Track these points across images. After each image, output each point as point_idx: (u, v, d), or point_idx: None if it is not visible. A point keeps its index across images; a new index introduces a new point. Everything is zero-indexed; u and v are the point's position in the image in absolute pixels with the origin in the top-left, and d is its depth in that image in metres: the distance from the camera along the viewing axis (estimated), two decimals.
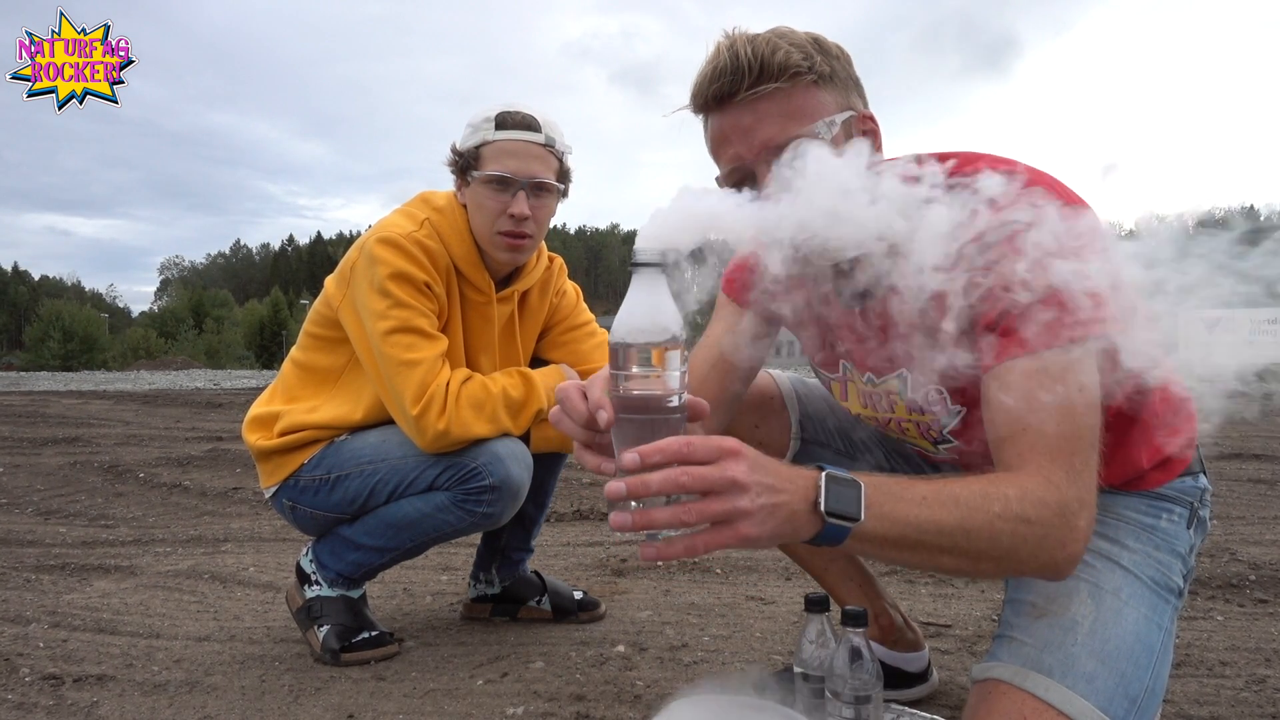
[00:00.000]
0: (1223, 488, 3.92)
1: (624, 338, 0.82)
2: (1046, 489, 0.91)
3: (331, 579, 1.89)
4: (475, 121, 1.81)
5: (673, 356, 0.82)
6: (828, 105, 1.07)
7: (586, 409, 0.88)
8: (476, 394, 1.76)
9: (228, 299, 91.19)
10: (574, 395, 0.90)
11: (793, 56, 1.03)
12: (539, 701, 1.63)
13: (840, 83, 1.09)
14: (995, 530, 0.89)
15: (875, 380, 1.27)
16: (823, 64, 1.06)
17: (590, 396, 0.88)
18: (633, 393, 0.83)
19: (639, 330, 0.81)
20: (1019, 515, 0.90)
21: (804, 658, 1.24)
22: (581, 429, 0.90)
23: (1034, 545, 0.91)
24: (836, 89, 1.08)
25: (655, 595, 2.37)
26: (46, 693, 1.70)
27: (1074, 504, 0.93)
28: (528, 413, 1.82)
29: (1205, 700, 1.60)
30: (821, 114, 1.06)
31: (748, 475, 0.79)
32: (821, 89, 1.06)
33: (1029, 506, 0.90)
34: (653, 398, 0.82)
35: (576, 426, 0.90)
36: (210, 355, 63.07)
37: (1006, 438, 0.97)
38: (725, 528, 0.79)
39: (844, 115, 1.08)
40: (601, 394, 0.87)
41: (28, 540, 3.19)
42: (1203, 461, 1.33)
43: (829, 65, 1.07)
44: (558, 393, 0.92)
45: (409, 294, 1.75)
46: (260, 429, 1.92)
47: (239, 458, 5.27)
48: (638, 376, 0.82)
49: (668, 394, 0.82)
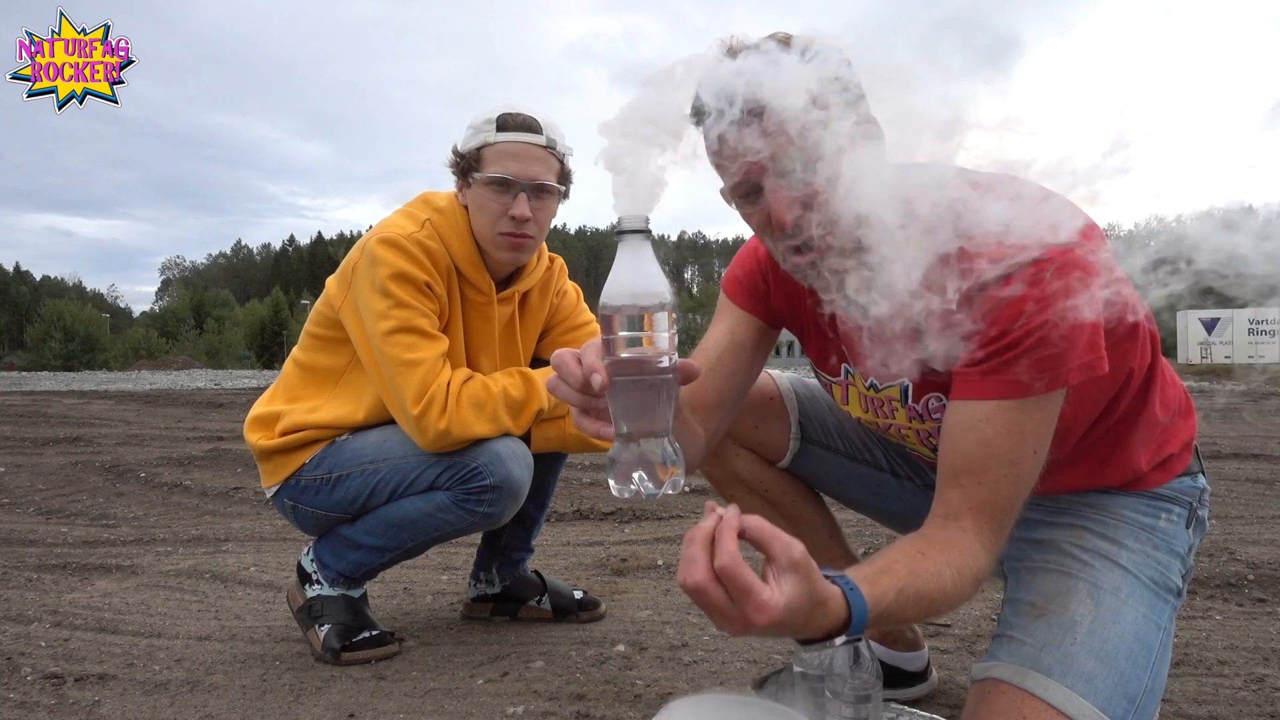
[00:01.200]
0: (1221, 487, 3.92)
1: (613, 302, 0.84)
2: (985, 570, 1.01)
3: (332, 578, 1.89)
4: (477, 123, 1.82)
5: (661, 319, 0.84)
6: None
7: (581, 373, 0.89)
8: (477, 394, 1.76)
9: (229, 299, 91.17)
10: (569, 361, 0.91)
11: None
12: (539, 701, 1.63)
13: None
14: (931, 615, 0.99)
15: (878, 386, 1.27)
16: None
17: (584, 361, 0.89)
18: (624, 356, 0.84)
19: (627, 295, 0.83)
20: (954, 606, 0.99)
21: (804, 657, 1.24)
22: (578, 394, 0.90)
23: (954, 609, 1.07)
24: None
25: (655, 595, 2.38)
26: (48, 692, 1.70)
27: (990, 569, 1.03)
28: (528, 412, 1.83)
29: (1204, 699, 1.60)
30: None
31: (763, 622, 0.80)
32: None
33: (966, 585, 0.99)
34: (644, 360, 0.84)
35: (573, 391, 0.91)
36: (211, 355, 63.05)
37: (962, 474, 1.03)
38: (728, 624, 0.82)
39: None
40: (595, 358, 0.88)
41: (29, 540, 3.19)
42: (1201, 461, 1.33)
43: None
44: (553, 359, 0.93)
45: (410, 294, 1.75)
46: (262, 429, 1.92)
47: (240, 457, 5.27)
48: (628, 340, 0.84)
49: (658, 355, 0.84)
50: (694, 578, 0.78)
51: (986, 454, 1.01)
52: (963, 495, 1.03)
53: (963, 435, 1.04)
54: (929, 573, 0.96)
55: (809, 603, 0.82)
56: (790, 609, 0.80)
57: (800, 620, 0.83)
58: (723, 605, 0.79)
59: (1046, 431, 1.04)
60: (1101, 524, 1.23)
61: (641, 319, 0.83)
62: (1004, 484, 1.01)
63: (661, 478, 0.87)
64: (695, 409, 1.24)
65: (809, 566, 0.82)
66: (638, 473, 0.87)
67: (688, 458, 1.21)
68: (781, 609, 0.79)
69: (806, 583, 0.82)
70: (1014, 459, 1.01)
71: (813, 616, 0.84)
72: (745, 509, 1.64)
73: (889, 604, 0.90)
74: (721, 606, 0.79)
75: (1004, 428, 1.01)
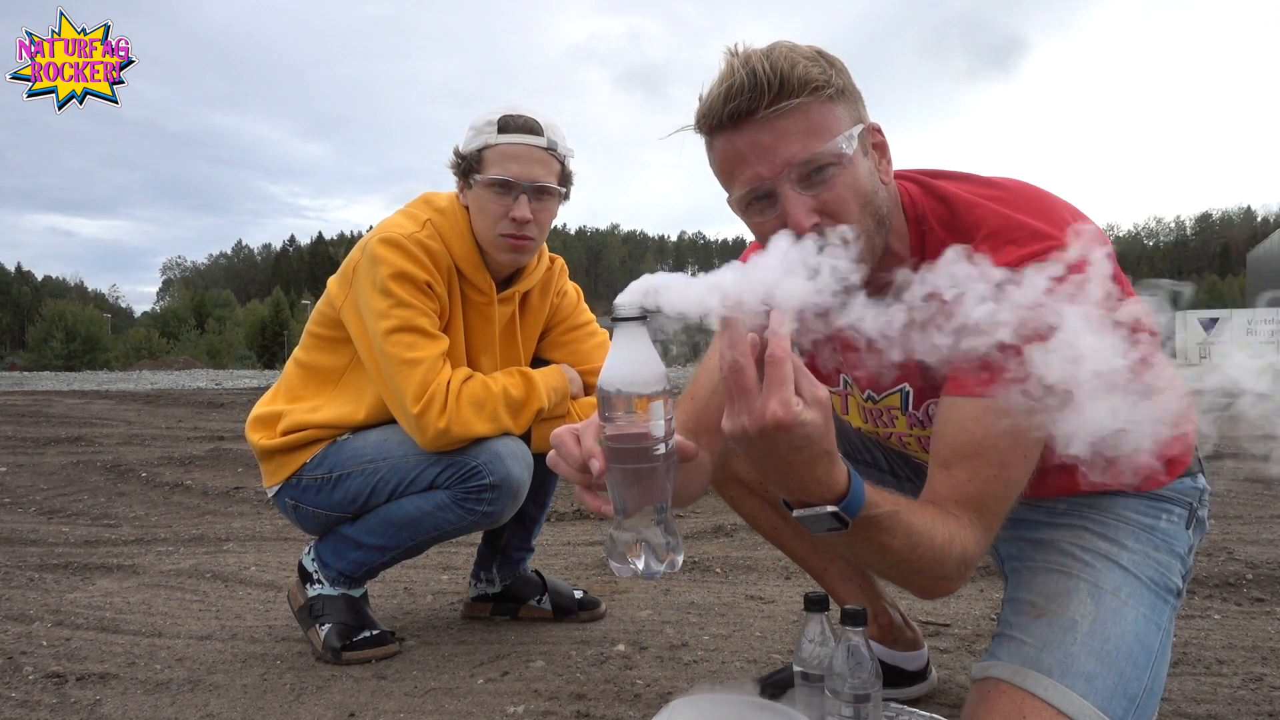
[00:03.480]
0: (1220, 487, 3.92)
1: (609, 389, 0.85)
2: (973, 554, 1.00)
3: (333, 578, 1.90)
4: (478, 125, 1.82)
5: (656, 406, 0.85)
6: (843, 120, 1.05)
7: (580, 455, 0.91)
8: (477, 393, 1.76)
9: (230, 299, 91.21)
10: (568, 441, 0.93)
11: (811, 71, 1.01)
12: (539, 700, 1.64)
13: (850, 95, 1.07)
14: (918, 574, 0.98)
15: (876, 397, 1.27)
16: (836, 78, 1.04)
17: (583, 444, 0.91)
18: (620, 441, 0.86)
19: (623, 382, 0.85)
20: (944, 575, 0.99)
21: (804, 657, 1.24)
22: (577, 472, 0.92)
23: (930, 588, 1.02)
24: (849, 102, 1.06)
25: (655, 594, 2.38)
26: (50, 691, 1.70)
27: (973, 567, 1.02)
28: (528, 412, 1.83)
29: (1202, 698, 1.60)
30: (839, 129, 1.04)
31: (778, 419, 0.80)
32: (837, 103, 1.04)
33: (955, 569, 0.99)
34: (639, 447, 0.86)
35: (572, 470, 0.93)
36: (212, 355, 63.07)
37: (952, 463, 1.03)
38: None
39: (858, 129, 1.06)
40: (593, 442, 0.90)
41: (31, 539, 3.20)
42: (1201, 462, 1.33)
43: (841, 79, 1.05)
44: (553, 438, 0.96)
45: (410, 293, 1.75)
46: (263, 428, 1.92)
47: (241, 457, 5.28)
48: (624, 426, 0.85)
49: (654, 443, 0.86)
50: (738, 351, 0.79)
51: (976, 452, 1.01)
52: (950, 484, 1.02)
53: (955, 431, 1.03)
54: (923, 518, 0.96)
55: (820, 443, 0.83)
56: (805, 426, 0.80)
57: (805, 456, 0.83)
58: (751, 387, 0.80)
59: (1038, 439, 1.02)
60: (1102, 524, 1.23)
61: (635, 406, 0.85)
62: (992, 484, 1.01)
63: (660, 558, 0.89)
64: (699, 432, 1.22)
65: (829, 410, 0.83)
66: (636, 554, 0.89)
67: (693, 486, 1.21)
68: (798, 418, 0.79)
69: (825, 423, 0.83)
70: (1004, 461, 1.01)
71: (818, 463, 0.85)
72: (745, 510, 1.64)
73: (882, 513, 0.91)
74: (750, 387, 0.80)
75: (997, 428, 1.00)
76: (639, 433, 0.85)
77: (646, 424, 0.85)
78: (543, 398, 1.84)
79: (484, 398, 1.77)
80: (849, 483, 0.88)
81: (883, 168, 1.11)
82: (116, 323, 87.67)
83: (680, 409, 1.22)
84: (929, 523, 0.96)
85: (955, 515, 1.00)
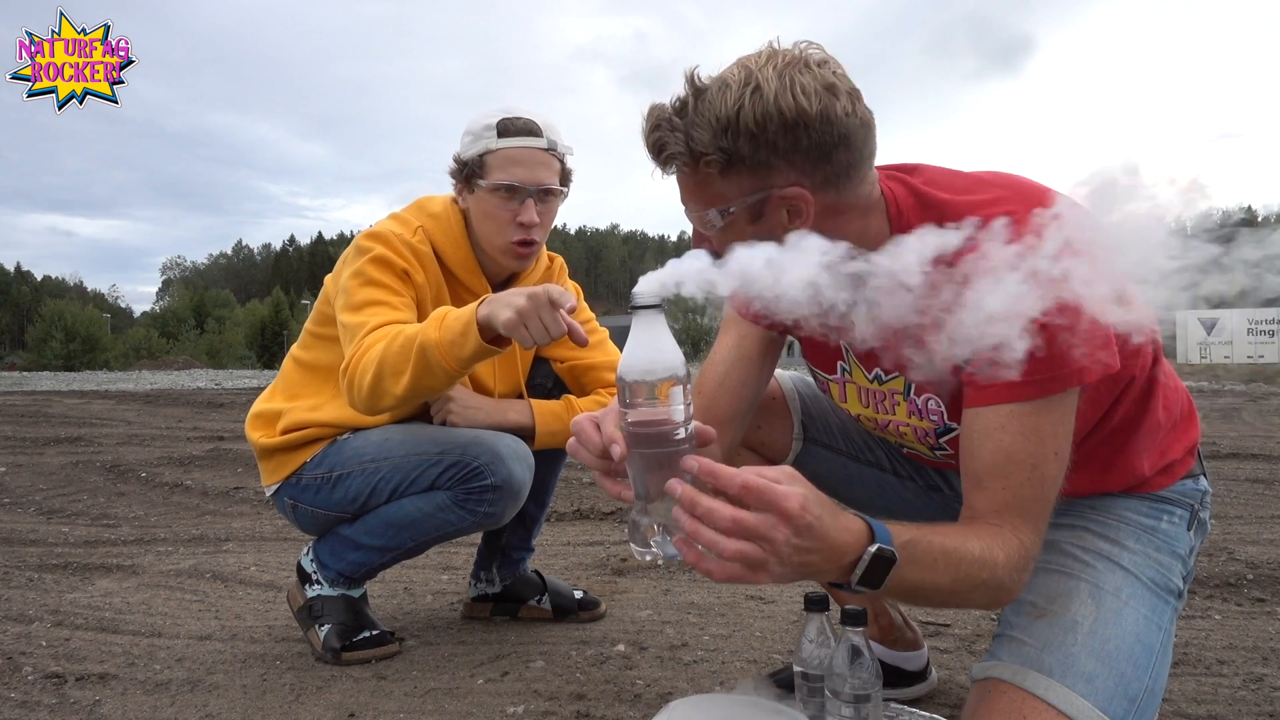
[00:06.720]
0: (1221, 487, 3.92)
1: (629, 376, 0.88)
2: (1023, 554, 0.99)
3: (332, 578, 1.89)
4: (475, 129, 1.81)
5: (676, 392, 0.88)
6: (730, 191, 1.02)
7: (600, 441, 0.92)
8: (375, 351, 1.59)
9: (229, 299, 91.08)
10: (588, 428, 0.94)
11: (682, 147, 0.99)
12: (539, 700, 1.63)
13: (758, 164, 0.99)
14: (975, 591, 0.97)
15: (884, 377, 1.27)
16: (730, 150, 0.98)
17: (604, 430, 0.93)
18: (641, 427, 0.88)
19: (643, 369, 0.87)
20: (999, 583, 0.97)
21: (804, 657, 1.24)
22: (598, 459, 0.94)
23: (994, 599, 1.01)
24: (745, 173, 1.00)
25: (655, 595, 2.38)
26: (49, 691, 1.70)
27: (1033, 561, 1.02)
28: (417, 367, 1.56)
29: (1203, 699, 1.60)
30: (716, 202, 1.03)
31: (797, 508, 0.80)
32: (722, 177, 1.01)
33: (1009, 574, 0.97)
34: (660, 432, 0.88)
35: (593, 456, 0.94)
36: (212, 355, 63.02)
37: (985, 479, 1.02)
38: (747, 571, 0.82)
39: (755, 197, 1.01)
40: (614, 428, 0.91)
41: (30, 539, 3.20)
42: (1203, 463, 1.33)
43: (749, 148, 0.98)
44: (573, 425, 0.97)
45: (383, 274, 1.74)
46: (263, 426, 1.92)
47: (240, 457, 5.27)
48: (644, 412, 0.88)
49: (674, 427, 0.88)
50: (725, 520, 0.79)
51: (1006, 460, 1.01)
52: (987, 500, 1.02)
53: (981, 443, 1.03)
54: (946, 536, 0.96)
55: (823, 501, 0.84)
56: (807, 500, 0.81)
57: (829, 521, 0.83)
58: (764, 526, 0.80)
59: (1065, 432, 1.03)
60: (1103, 525, 1.23)
61: (655, 392, 0.87)
62: (1027, 487, 1.01)
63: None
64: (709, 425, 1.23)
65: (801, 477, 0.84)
66: (657, 537, 0.91)
67: None
68: (804, 495, 0.81)
69: (806, 484, 0.83)
70: (1035, 462, 1.01)
71: (837, 519, 0.85)
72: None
73: (907, 539, 0.91)
74: (763, 528, 0.80)
75: (1021, 432, 1.01)
76: (660, 418, 0.87)
77: (668, 409, 0.88)
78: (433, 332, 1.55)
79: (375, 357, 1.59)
80: (866, 525, 0.89)
81: (794, 226, 1.03)
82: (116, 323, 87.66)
83: None
84: (958, 542, 0.96)
85: (994, 525, 1.00)
